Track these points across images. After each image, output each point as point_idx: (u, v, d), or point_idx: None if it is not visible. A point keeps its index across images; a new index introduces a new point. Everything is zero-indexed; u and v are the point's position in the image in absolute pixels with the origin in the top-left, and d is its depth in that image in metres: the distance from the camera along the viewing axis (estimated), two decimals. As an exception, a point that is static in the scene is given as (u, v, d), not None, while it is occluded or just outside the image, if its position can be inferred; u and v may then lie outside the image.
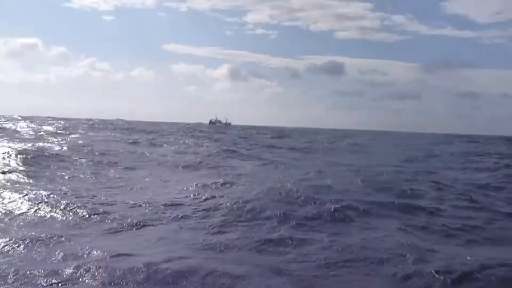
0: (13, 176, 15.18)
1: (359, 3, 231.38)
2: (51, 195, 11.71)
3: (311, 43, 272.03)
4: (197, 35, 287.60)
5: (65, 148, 24.80)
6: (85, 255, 7.39)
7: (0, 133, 36.18)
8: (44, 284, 6.32)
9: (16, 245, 7.90)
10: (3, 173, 15.59)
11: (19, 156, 19.05)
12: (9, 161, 18.26)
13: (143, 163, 21.33)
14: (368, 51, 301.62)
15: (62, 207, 10.61)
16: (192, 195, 12.47)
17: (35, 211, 10.37)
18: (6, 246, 7.86)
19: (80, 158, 20.82)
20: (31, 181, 14.67)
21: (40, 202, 10.92)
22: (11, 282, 6.34)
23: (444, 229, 9.97)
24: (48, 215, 10.21)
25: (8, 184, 13.81)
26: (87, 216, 10.12)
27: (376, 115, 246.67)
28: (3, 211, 10.35)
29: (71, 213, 10.29)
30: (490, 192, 15.42)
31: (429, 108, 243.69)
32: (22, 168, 16.91)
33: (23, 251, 7.65)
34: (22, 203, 10.93)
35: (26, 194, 11.69)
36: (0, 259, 7.24)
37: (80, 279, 6.53)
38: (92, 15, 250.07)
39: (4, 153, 19.63)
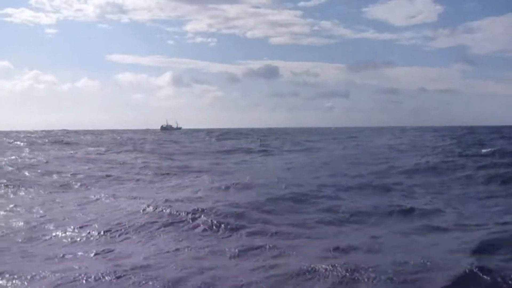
0: None
1: (290, 11, 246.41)
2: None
3: (247, 49, 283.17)
4: (140, 45, 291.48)
5: None
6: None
7: None
8: None
9: None
10: None
11: None
12: None
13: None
14: (300, 55, 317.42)
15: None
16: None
17: None
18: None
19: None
20: None
21: None
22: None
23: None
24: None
25: None
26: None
27: (311, 113, 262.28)
28: None
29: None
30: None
31: (357, 105, 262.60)
32: None
33: None
34: None
35: None
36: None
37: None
38: (34, 29, 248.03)
39: None
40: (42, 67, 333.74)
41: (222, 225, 9.07)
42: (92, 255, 7.48)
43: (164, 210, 10.34)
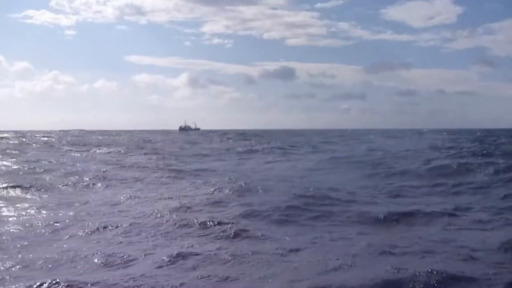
0: None
1: (307, 12, 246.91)
2: None
3: (264, 50, 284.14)
4: (157, 46, 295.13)
5: None
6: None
7: None
8: None
9: None
10: None
11: None
12: None
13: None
14: (316, 56, 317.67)
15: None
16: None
17: None
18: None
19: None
20: None
21: None
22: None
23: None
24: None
25: None
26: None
27: (327, 115, 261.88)
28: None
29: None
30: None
31: (373, 106, 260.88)
32: None
33: None
34: None
35: None
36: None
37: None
38: (54, 30, 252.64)
39: None
40: (61, 68, 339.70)
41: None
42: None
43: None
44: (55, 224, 10.01)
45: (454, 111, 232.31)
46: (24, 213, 11.34)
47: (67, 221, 10.28)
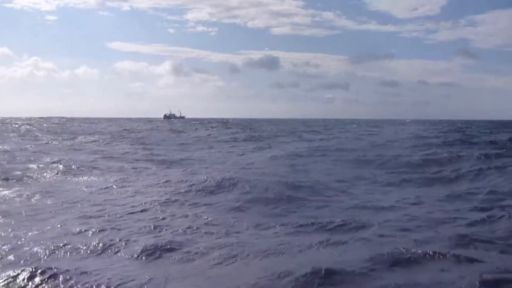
0: None
1: (292, 1, 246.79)
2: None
3: (248, 39, 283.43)
4: (141, 33, 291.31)
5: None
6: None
7: None
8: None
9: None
10: None
11: None
12: None
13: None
14: (301, 46, 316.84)
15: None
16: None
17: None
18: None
19: None
20: None
21: None
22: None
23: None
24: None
25: None
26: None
27: (311, 104, 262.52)
28: None
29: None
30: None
31: (357, 97, 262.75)
32: None
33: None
34: None
35: None
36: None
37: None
38: (34, 15, 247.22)
39: None
40: (41, 54, 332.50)
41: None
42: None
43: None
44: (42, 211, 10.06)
45: (436, 102, 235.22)
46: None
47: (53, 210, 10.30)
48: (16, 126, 62.29)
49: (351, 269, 6.19)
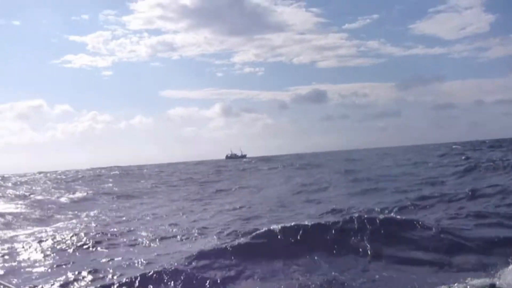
0: None
1: (335, 34, 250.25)
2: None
3: (295, 75, 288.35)
4: (190, 80, 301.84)
5: None
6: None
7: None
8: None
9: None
10: None
11: None
12: None
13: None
14: (348, 77, 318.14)
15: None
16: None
17: None
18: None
19: None
20: None
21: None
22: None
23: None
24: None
25: None
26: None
27: (363, 135, 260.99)
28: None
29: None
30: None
31: (410, 122, 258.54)
32: None
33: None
34: None
35: None
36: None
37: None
38: (91, 72, 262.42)
39: None
40: (99, 107, 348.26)
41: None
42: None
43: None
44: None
45: (495, 121, 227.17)
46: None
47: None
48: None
49: None
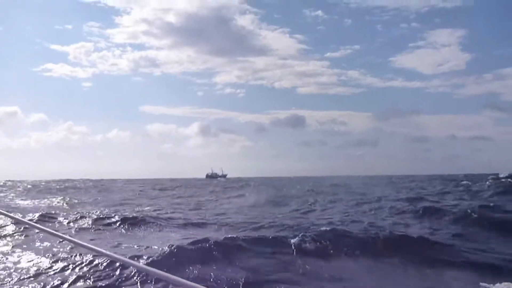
0: None
1: (317, 62, 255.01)
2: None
3: (275, 99, 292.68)
4: (171, 97, 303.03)
5: None
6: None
7: None
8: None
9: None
10: None
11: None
12: None
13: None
14: (327, 104, 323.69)
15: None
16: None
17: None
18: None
19: None
20: None
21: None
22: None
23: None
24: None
25: None
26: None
27: (340, 162, 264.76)
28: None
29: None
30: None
31: (386, 153, 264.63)
32: None
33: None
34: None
35: None
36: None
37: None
38: (71, 82, 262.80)
39: None
40: (76, 118, 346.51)
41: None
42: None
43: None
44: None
45: (467, 157, 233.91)
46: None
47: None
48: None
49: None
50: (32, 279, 9.21)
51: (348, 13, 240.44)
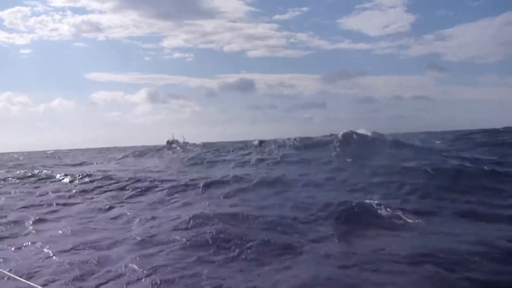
0: None
1: (266, 24, 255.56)
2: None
3: (225, 63, 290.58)
4: (116, 63, 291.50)
5: None
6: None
7: None
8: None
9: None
10: None
11: None
12: None
13: None
14: (276, 67, 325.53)
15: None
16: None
17: None
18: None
19: None
20: None
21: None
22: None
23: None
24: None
25: None
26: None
27: (291, 124, 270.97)
28: None
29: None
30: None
31: (335, 114, 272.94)
32: None
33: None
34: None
35: None
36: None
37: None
38: (7, 49, 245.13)
39: None
40: (15, 88, 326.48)
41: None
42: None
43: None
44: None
45: (412, 116, 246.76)
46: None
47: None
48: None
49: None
50: None
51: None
